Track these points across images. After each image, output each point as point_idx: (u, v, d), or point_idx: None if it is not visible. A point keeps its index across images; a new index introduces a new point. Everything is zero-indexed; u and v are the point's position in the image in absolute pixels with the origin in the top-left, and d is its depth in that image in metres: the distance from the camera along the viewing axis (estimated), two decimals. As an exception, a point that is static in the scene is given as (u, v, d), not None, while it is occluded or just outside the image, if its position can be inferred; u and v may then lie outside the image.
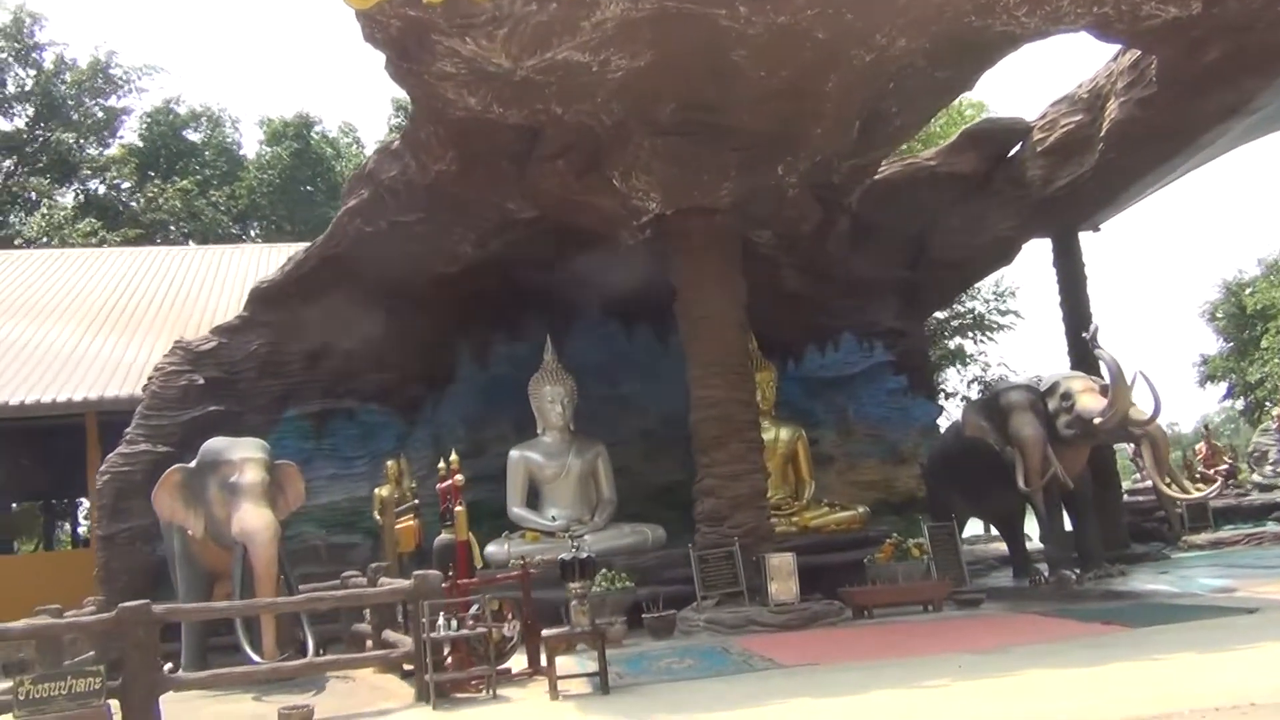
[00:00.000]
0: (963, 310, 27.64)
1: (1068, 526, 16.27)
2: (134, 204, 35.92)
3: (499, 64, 11.84)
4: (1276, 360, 39.29)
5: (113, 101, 38.60)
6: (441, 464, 12.76)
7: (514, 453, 16.88)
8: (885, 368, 21.25)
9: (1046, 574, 15.99)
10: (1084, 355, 23.59)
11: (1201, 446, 27.31)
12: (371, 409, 18.62)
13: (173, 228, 35.57)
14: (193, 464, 12.71)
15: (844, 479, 20.66)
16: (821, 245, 19.18)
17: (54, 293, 25.00)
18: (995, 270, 24.80)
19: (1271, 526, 22.63)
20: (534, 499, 17.03)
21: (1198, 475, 26.87)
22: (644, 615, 13.60)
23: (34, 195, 36.02)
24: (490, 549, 15.81)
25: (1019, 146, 19.77)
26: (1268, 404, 37.62)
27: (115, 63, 37.82)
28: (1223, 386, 45.86)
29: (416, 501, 16.06)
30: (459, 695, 10.44)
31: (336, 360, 18.52)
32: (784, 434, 18.04)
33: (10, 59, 36.89)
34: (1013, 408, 15.65)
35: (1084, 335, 15.10)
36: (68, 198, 37.62)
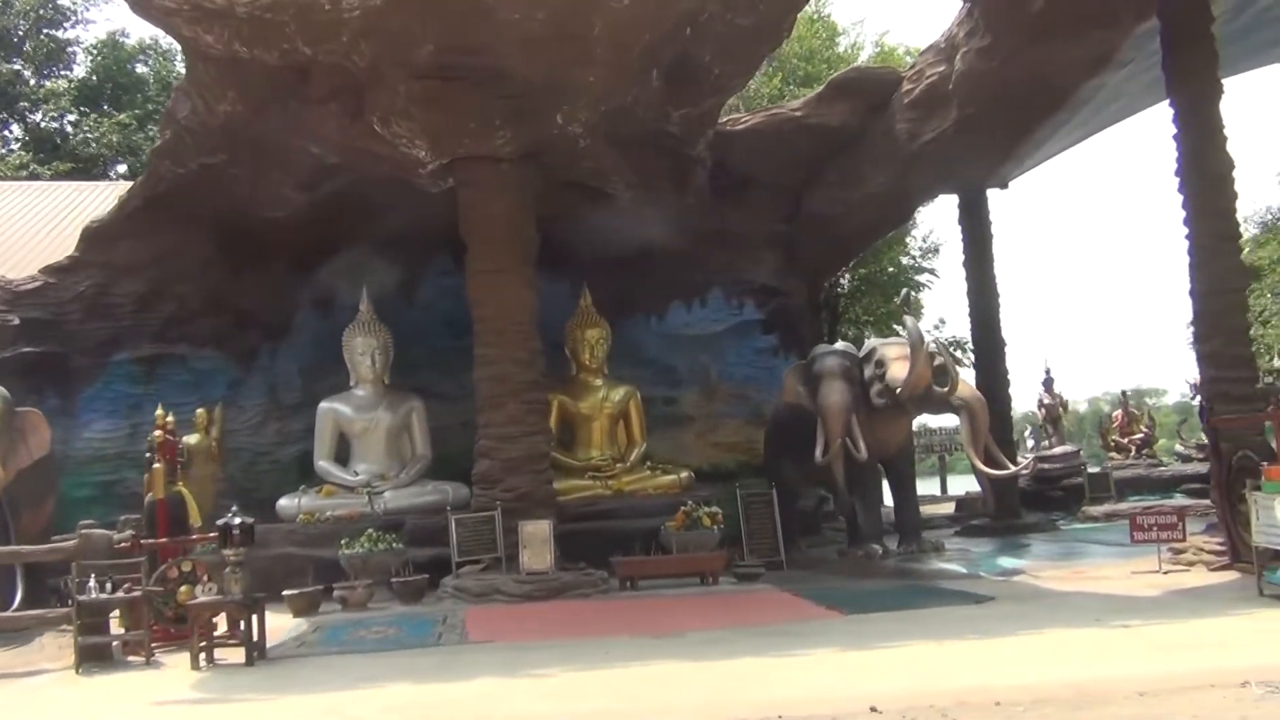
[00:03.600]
0: (879, 270, 26.65)
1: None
2: (74, 138, 35.49)
3: (214, 1, 11.20)
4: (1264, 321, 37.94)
5: (61, 33, 38.08)
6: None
7: (323, 405, 16.47)
8: (755, 326, 20.51)
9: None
10: (985, 316, 22.94)
11: (1118, 414, 26.39)
12: (205, 355, 18.21)
13: (110, 163, 35.14)
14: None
15: (704, 440, 20.05)
16: (681, 198, 18.41)
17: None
18: (893, 228, 23.84)
19: (1179, 499, 21.80)
20: (347, 453, 16.62)
21: (1113, 443, 26.11)
22: (392, 580, 13.18)
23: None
24: (281, 503, 15.48)
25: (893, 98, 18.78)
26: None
27: (65, -10, 37.22)
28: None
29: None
30: (132, 659, 10.13)
31: (170, 304, 18.13)
32: (615, 394, 17.47)
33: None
34: (824, 374, 14.99)
35: (896, 301, 14.29)
36: (13, 130, 37.29)
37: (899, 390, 14.11)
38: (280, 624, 12.09)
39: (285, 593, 12.76)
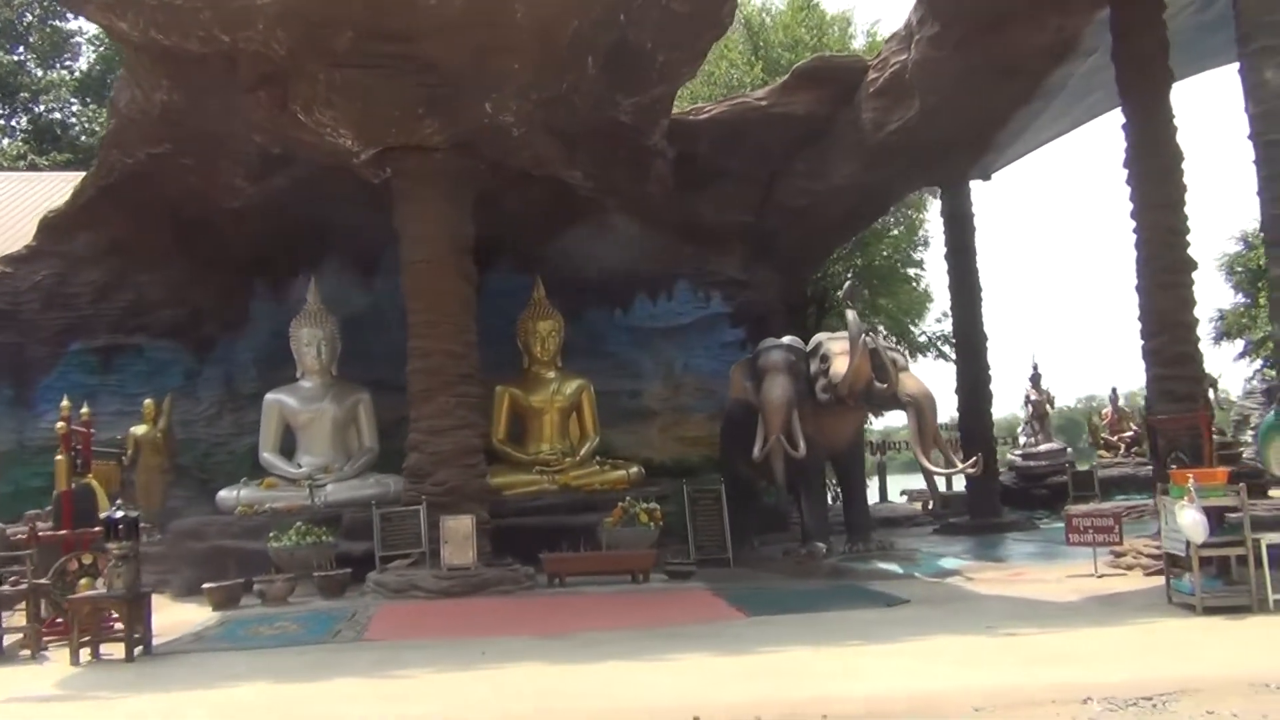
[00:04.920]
0: (858, 263, 26.17)
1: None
2: (73, 129, 35.74)
3: (118, -14, 11.06)
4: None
5: (65, 24, 38.37)
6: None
7: (269, 396, 16.35)
8: (722, 319, 20.16)
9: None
10: (967, 310, 22.48)
11: (1108, 411, 25.81)
12: (161, 345, 18.19)
13: (110, 153, 35.35)
14: None
15: (668, 434, 19.77)
16: (642, 188, 18.13)
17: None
18: (872, 220, 23.38)
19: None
20: (294, 445, 16.51)
21: (1102, 441, 25.53)
22: (315, 574, 13.03)
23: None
24: (221, 494, 15.39)
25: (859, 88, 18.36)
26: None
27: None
28: (1239, 344, 43.54)
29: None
30: (24, 653, 10.07)
31: (128, 294, 18.12)
32: (568, 387, 17.23)
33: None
34: (767, 369, 14.66)
35: (838, 293, 13.92)
36: (20, 120, 37.59)
37: (839, 385, 13.76)
38: (197, 617, 12.05)
39: (205, 586, 12.67)
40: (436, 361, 13.70)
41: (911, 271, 27.62)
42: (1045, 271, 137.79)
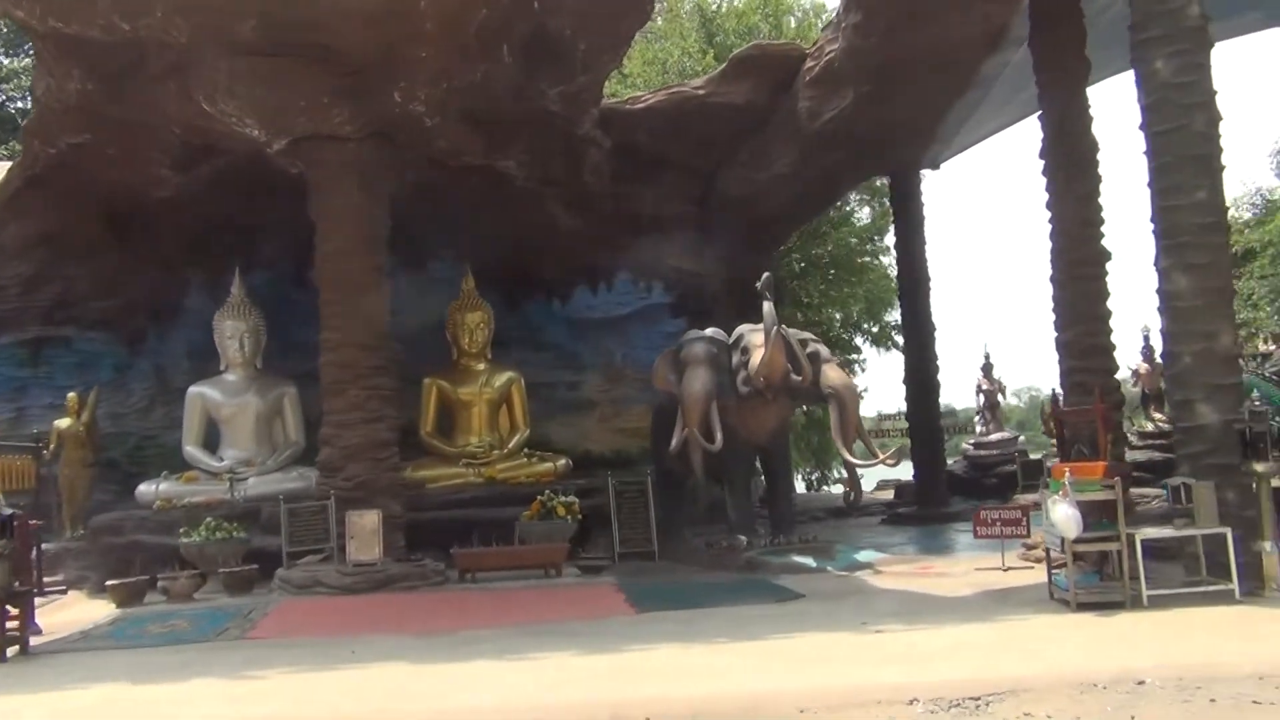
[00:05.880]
0: (825, 251, 26.03)
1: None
2: (34, 117, 35.48)
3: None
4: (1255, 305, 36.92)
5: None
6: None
7: (192, 389, 16.21)
8: (663, 309, 20.02)
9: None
10: (915, 299, 22.42)
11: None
12: (92, 338, 17.99)
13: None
14: None
15: (608, 425, 19.66)
16: (577, 178, 17.99)
17: None
18: (820, 210, 23.24)
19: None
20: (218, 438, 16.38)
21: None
22: (220, 570, 12.91)
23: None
24: (140, 488, 15.26)
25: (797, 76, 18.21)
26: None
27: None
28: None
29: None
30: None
31: (57, 286, 17.88)
32: (497, 379, 17.10)
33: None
34: (689, 361, 14.52)
35: (756, 285, 13.78)
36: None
37: (753, 377, 13.64)
38: (102, 614, 11.94)
39: (108, 583, 12.54)
40: (348, 354, 13.56)
41: (882, 260, 27.42)
42: (1002, 262, 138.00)
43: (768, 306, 13.54)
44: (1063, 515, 8.61)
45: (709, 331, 15.10)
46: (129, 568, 13.37)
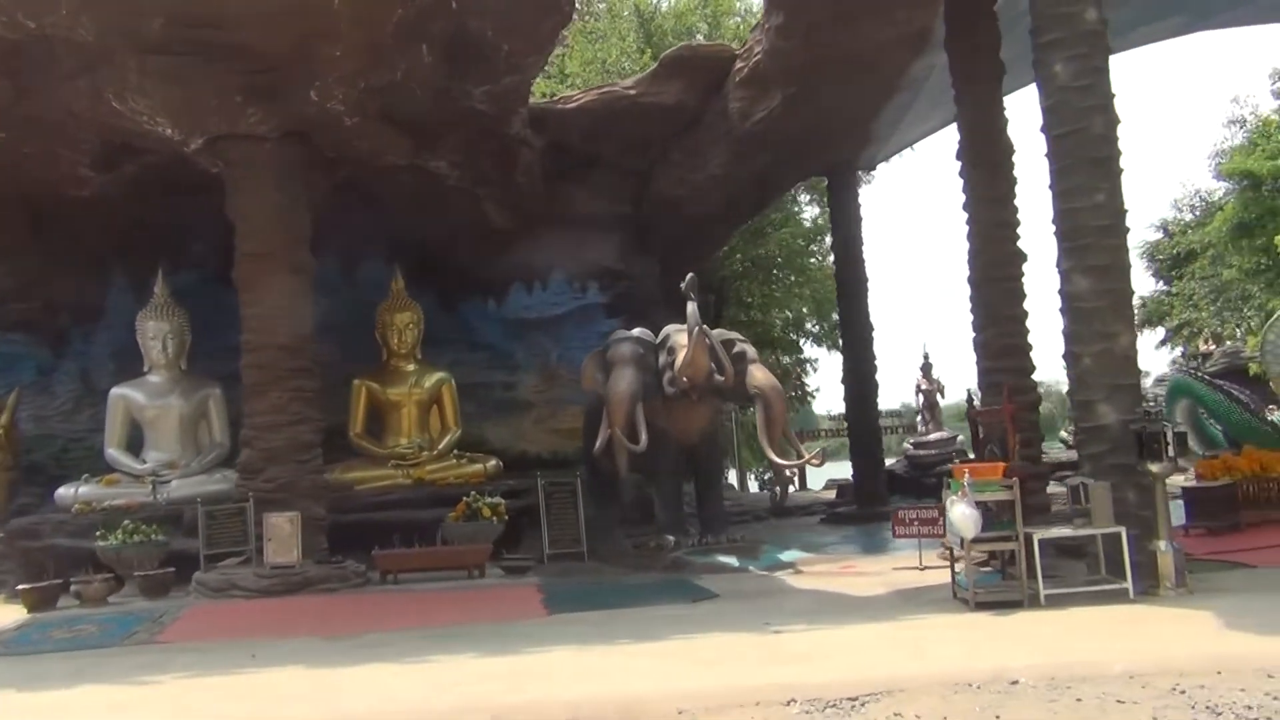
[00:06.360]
0: (766, 252, 26.11)
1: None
2: None
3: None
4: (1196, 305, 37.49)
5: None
6: None
7: (114, 391, 15.96)
8: (598, 310, 19.95)
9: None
10: (852, 300, 22.54)
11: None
12: (13, 339, 17.69)
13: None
14: None
15: (544, 426, 19.56)
16: (509, 178, 17.92)
17: None
18: (756, 211, 23.31)
19: (1052, 487, 21.48)
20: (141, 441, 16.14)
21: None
22: (135, 573, 12.73)
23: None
24: (60, 491, 15.01)
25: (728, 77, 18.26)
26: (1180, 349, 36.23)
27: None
28: (1160, 331, 44.03)
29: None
30: None
31: (-27, 287, 17.59)
32: (427, 380, 17.00)
33: None
34: (615, 361, 14.51)
35: (682, 285, 13.79)
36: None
37: (675, 377, 13.66)
38: (8, 620, 11.74)
39: (19, 587, 12.33)
40: (268, 356, 13.43)
41: (827, 260, 27.52)
42: (943, 263, 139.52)
43: (691, 307, 13.57)
44: (960, 515, 8.70)
45: (636, 331, 15.11)
46: (46, 572, 13.18)
